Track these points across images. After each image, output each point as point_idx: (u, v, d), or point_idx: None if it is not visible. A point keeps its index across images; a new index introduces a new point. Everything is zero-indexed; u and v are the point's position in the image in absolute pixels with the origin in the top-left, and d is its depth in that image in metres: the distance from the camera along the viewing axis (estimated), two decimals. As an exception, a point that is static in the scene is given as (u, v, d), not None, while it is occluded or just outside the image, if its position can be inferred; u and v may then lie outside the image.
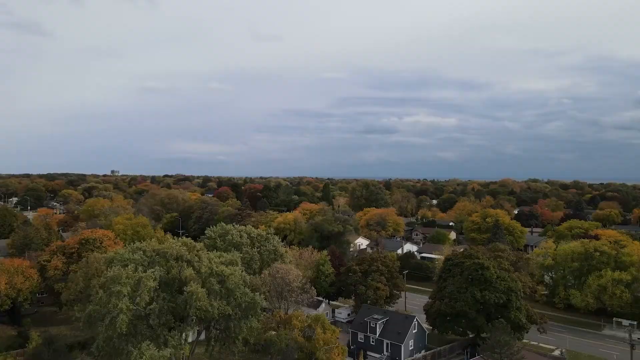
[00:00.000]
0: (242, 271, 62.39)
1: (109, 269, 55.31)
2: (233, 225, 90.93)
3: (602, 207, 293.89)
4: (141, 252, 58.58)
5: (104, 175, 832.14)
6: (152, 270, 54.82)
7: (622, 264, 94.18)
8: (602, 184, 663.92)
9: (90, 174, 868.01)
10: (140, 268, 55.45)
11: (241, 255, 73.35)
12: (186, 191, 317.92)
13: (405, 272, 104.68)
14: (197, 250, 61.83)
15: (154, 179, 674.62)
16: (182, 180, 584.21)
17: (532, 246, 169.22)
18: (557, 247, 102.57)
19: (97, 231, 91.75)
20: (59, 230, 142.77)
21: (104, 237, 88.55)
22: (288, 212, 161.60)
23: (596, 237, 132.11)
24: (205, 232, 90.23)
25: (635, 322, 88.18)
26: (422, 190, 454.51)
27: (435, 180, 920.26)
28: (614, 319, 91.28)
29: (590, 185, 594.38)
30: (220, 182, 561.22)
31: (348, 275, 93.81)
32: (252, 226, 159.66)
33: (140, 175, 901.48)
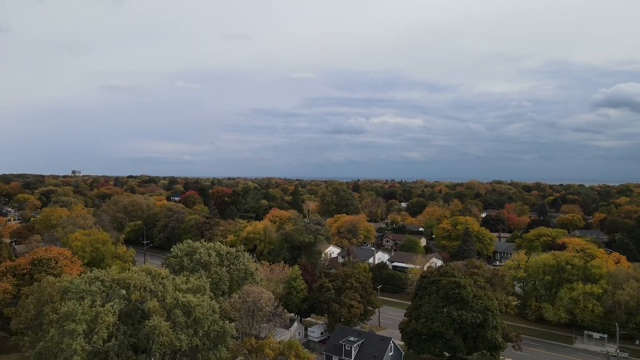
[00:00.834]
0: (210, 299, 58.38)
1: (63, 303, 50.20)
2: (201, 242, 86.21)
3: (564, 210, 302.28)
4: (99, 282, 53.66)
5: (64, 176, 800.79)
6: (111, 303, 50.13)
7: (592, 276, 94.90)
8: (561, 185, 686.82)
9: (49, 174, 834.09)
10: (98, 301, 50.66)
11: (210, 279, 69.14)
12: (151, 196, 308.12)
13: (379, 286, 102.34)
14: (162, 278, 57.29)
15: (117, 181, 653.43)
16: (147, 182, 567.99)
17: (500, 253, 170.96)
18: (528, 258, 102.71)
19: (52, 249, 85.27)
20: (11, 243, 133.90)
21: (60, 257, 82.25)
22: (258, 221, 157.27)
23: (563, 246, 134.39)
24: (172, 249, 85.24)
25: (605, 335, 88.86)
26: (391, 193, 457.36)
27: (403, 181, 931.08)
28: (585, 332, 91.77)
29: (551, 187, 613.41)
30: (187, 184, 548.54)
31: (321, 292, 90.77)
32: (221, 235, 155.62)
33: (103, 176, 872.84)
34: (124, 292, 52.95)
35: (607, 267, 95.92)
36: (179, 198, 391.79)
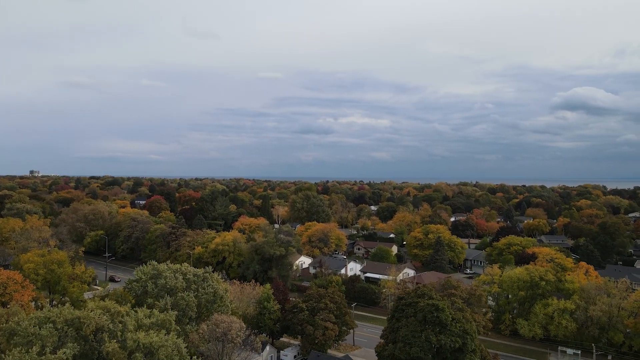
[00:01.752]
0: (177, 334, 53.90)
1: (8, 352, 44.72)
2: (167, 264, 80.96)
3: (529, 214, 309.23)
4: (50, 324, 48.30)
5: (22, 177, 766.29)
6: (64, 350, 45.06)
7: (566, 291, 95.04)
8: (524, 186, 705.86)
9: (5, 175, 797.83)
10: (49, 346, 45.46)
11: (176, 306, 64.44)
12: (114, 201, 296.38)
13: (353, 304, 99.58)
14: (122, 316, 52.33)
15: (79, 182, 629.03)
16: (110, 185, 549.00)
17: (471, 260, 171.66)
18: (502, 273, 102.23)
19: (0, 273, 78.28)
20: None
21: (9, 281, 75.54)
22: (227, 232, 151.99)
23: (533, 256, 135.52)
24: (135, 272, 79.71)
25: (579, 352, 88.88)
26: (361, 195, 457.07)
27: (372, 182, 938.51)
28: (559, 347, 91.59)
29: (514, 188, 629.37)
30: (153, 186, 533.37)
31: (294, 313, 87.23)
32: (188, 247, 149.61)
33: (64, 177, 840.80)
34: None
35: (580, 282, 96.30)
36: (144, 202, 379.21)
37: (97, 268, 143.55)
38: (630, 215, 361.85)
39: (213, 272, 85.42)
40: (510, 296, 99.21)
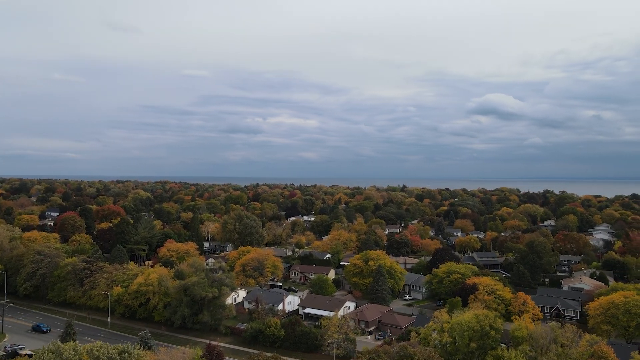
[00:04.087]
0: None
1: None
2: (74, 346, 66.85)
3: (458, 225, 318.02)
4: None
5: None
6: None
7: (515, 339, 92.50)
8: (447, 189, 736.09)
9: None
10: None
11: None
12: (19, 217, 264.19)
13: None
14: None
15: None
16: (17, 192, 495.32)
17: (410, 285, 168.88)
18: (451, 318, 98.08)
19: None
20: None
21: None
22: (151, 269, 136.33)
23: (474, 287, 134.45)
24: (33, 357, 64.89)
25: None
26: (293, 204, 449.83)
27: (302, 185, 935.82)
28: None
29: (440, 193, 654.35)
30: (68, 193, 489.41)
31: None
32: (106, 285, 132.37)
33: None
34: None
35: (527, 327, 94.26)
36: (57, 214, 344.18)
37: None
38: (546, 222, 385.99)
39: (136, 318, 72.22)
40: (458, 343, 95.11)
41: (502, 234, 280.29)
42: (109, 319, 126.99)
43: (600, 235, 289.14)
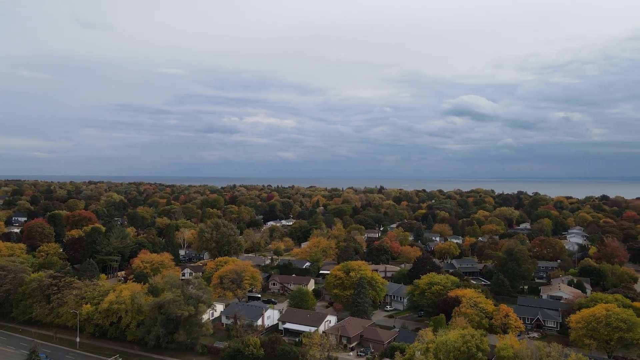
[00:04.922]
0: None
1: None
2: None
3: (436, 229, 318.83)
4: None
5: None
6: None
7: (502, 359, 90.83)
8: (424, 191, 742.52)
9: None
10: None
11: None
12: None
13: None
14: None
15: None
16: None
17: (391, 296, 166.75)
18: (436, 337, 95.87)
19: None
20: None
21: None
22: (123, 285, 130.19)
23: (457, 300, 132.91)
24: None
25: None
26: (271, 208, 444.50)
27: (280, 186, 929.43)
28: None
29: (417, 195, 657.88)
30: (36, 196, 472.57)
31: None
32: (75, 302, 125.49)
33: None
34: None
35: (513, 347, 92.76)
36: (24, 219, 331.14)
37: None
38: (522, 225, 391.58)
39: (107, 337, 66.97)
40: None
41: (480, 239, 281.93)
42: (77, 339, 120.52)
43: (574, 239, 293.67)
